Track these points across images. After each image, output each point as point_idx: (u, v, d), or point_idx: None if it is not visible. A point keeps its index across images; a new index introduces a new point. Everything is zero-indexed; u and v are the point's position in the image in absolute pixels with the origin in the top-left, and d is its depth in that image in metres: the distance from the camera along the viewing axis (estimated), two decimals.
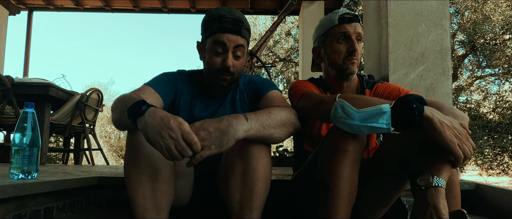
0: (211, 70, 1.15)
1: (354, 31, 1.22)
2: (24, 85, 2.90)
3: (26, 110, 1.25)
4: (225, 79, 1.15)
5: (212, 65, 1.14)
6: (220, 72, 1.13)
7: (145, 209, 0.94)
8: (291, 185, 1.31)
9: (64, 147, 4.11)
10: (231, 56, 1.12)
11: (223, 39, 1.10)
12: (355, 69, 1.25)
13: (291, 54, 9.18)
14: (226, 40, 1.10)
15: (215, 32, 1.11)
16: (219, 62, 1.13)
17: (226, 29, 1.10)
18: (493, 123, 6.41)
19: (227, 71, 1.13)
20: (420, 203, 0.85)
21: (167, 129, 0.80)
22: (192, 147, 0.80)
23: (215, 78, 1.16)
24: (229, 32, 1.10)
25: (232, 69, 1.13)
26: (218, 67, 1.13)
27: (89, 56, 29.75)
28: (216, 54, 1.13)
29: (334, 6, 4.93)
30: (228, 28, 1.10)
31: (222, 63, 1.12)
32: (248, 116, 0.91)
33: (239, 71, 1.17)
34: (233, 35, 1.11)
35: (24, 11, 5.24)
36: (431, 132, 0.85)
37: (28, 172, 1.24)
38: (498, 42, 6.37)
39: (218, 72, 1.14)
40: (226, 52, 1.12)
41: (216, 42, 1.11)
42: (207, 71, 1.18)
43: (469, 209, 1.70)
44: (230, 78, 1.15)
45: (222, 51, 1.12)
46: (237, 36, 1.11)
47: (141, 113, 0.85)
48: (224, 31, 1.10)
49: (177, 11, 5.26)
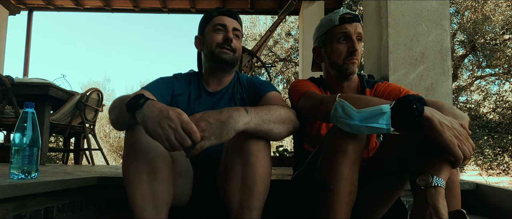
0: (213, 47, 1.23)
1: (354, 31, 1.22)
2: (24, 85, 2.90)
3: (26, 109, 1.25)
4: (227, 52, 1.23)
5: (213, 42, 1.23)
6: (222, 46, 1.22)
7: (144, 209, 0.94)
8: (291, 185, 1.31)
9: (64, 147, 4.11)
10: (231, 33, 1.24)
11: (223, 20, 1.24)
12: (356, 69, 1.25)
13: (291, 54, 9.18)
14: (225, 20, 1.24)
15: (214, 16, 1.25)
16: (221, 37, 1.23)
17: (224, 13, 1.26)
18: (493, 123, 6.41)
19: (229, 44, 1.22)
20: (420, 203, 0.85)
21: (166, 119, 0.80)
22: (191, 136, 0.80)
23: (217, 53, 1.23)
24: (227, 15, 1.25)
25: (233, 45, 1.23)
26: (219, 41, 1.23)
27: (89, 56, 29.76)
28: (217, 32, 1.24)
29: (334, 6, 4.93)
30: (226, 13, 1.26)
31: (223, 38, 1.22)
32: (249, 109, 0.92)
33: (239, 51, 1.27)
34: (231, 18, 1.25)
35: (24, 11, 5.25)
36: (431, 132, 0.85)
37: (28, 172, 1.24)
38: (498, 42, 6.36)
39: (219, 46, 1.22)
40: (226, 30, 1.24)
41: (217, 24, 1.24)
42: (209, 52, 1.25)
43: (469, 209, 1.70)
44: (232, 53, 1.23)
45: (222, 29, 1.24)
46: (234, 20, 1.26)
47: (140, 105, 0.86)
48: (223, 14, 1.25)
49: (177, 11, 5.26)
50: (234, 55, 1.24)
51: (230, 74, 1.30)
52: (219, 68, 1.25)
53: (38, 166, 1.28)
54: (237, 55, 1.25)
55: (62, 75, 3.75)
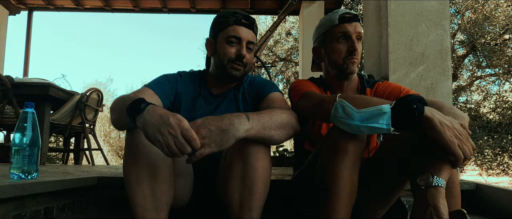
0: (224, 61, 1.18)
1: (354, 30, 1.22)
2: (24, 85, 2.90)
3: (26, 109, 1.25)
4: (238, 68, 1.18)
5: (226, 55, 1.18)
6: (234, 61, 1.18)
7: (145, 209, 0.94)
8: (291, 185, 1.31)
9: (64, 147, 4.11)
10: (245, 48, 1.18)
11: (238, 31, 1.17)
12: (355, 69, 1.25)
13: (291, 54, 9.18)
14: (241, 32, 1.17)
15: (230, 24, 1.17)
16: (233, 52, 1.17)
17: (241, 22, 1.17)
18: (493, 123, 6.42)
19: (241, 60, 1.17)
20: (420, 203, 0.86)
21: (166, 126, 0.80)
22: (191, 143, 0.80)
23: (228, 68, 1.18)
24: (243, 25, 1.18)
25: (245, 60, 1.18)
26: (231, 57, 1.17)
27: (89, 56, 29.74)
28: (230, 44, 1.18)
29: (334, 6, 4.93)
30: (243, 22, 1.17)
31: (236, 53, 1.17)
32: (250, 116, 0.91)
33: (249, 65, 1.22)
34: (247, 29, 1.18)
35: (24, 11, 5.24)
36: (431, 132, 0.85)
37: (28, 172, 1.24)
38: (498, 42, 6.37)
39: (231, 61, 1.18)
40: (240, 43, 1.17)
41: (231, 35, 1.17)
42: (219, 63, 1.20)
43: (469, 209, 1.70)
44: (243, 69, 1.19)
45: (236, 42, 1.18)
46: (250, 31, 1.19)
47: (140, 110, 0.85)
48: (240, 24, 1.17)
49: (177, 11, 5.26)
50: (245, 70, 1.20)
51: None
52: (227, 81, 1.24)
53: (38, 166, 1.28)
54: (248, 69, 1.22)
55: (62, 75, 3.76)
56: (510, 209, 1.52)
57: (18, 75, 3.17)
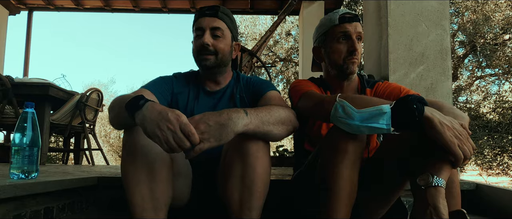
0: (195, 53, 1.22)
1: (354, 30, 1.22)
2: (24, 85, 2.90)
3: (26, 110, 1.25)
4: (207, 58, 1.19)
5: (194, 49, 1.22)
6: (201, 52, 1.19)
7: (143, 209, 0.94)
8: (291, 185, 1.31)
9: (64, 147, 4.11)
10: (209, 35, 1.18)
11: (201, 22, 1.20)
12: (355, 69, 1.25)
13: (291, 54, 9.18)
14: (203, 24, 1.19)
15: (195, 19, 1.22)
16: (199, 43, 1.19)
17: (203, 14, 1.21)
18: (493, 123, 6.42)
19: (206, 49, 1.18)
20: (420, 203, 0.85)
21: (165, 121, 0.80)
22: (190, 138, 0.80)
23: (200, 61, 1.21)
24: (205, 16, 1.20)
25: (211, 47, 1.18)
26: (198, 47, 1.20)
27: (89, 56, 29.74)
28: (197, 38, 1.21)
29: (334, 6, 4.93)
30: (205, 13, 1.20)
31: (201, 43, 1.18)
32: (248, 111, 0.91)
33: (223, 52, 1.21)
34: (210, 17, 1.20)
35: (24, 11, 5.25)
36: (431, 132, 0.85)
37: (28, 172, 1.24)
38: (498, 42, 6.37)
39: (199, 53, 1.20)
40: (203, 32, 1.19)
41: (196, 28, 1.21)
42: (194, 58, 1.24)
43: (469, 209, 1.70)
44: (213, 57, 1.20)
45: (201, 34, 1.20)
46: (214, 18, 1.20)
47: (139, 107, 0.86)
48: (202, 16, 1.21)
49: (177, 11, 5.26)
50: (216, 58, 1.20)
51: (223, 74, 1.28)
52: (207, 73, 1.25)
53: (38, 166, 1.28)
54: (221, 56, 1.20)
55: (62, 75, 3.76)
56: (510, 209, 1.52)
57: (18, 75, 3.17)
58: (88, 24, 33.49)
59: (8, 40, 5.00)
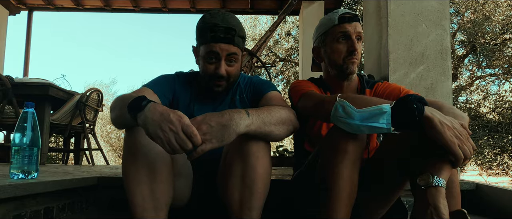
0: (205, 77, 1.17)
1: (354, 30, 1.22)
2: (24, 85, 2.90)
3: (26, 109, 1.25)
4: (219, 84, 1.17)
5: (205, 71, 1.16)
6: (213, 78, 1.16)
7: (144, 209, 0.93)
8: (291, 185, 1.31)
9: (64, 147, 4.11)
10: (224, 63, 1.14)
11: (216, 48, 1.11)
12: (355, 69, 1.25)
13: (291, 54, 9.18)
14: (218, 49, 1.11)
15: (208, 42, 1.11)
16: (212, 69, 1.14)
17: (218, 38, 1.10)
18: (493, 123, 6.42)
19: (220, 78, 1.15)
20: (420, 203, 0.85)
21: (167, 122, 0.80)
22: (192, 139, 0.80)
23: (210, 85, 1.18)
24: (221, 41, 1.10)
25: (225, 75, 1.15)
26: (211, 74, 1.15)
27: (89, 56, 29.73)
28: (209, 62, 1.14)
29: (334, 6, 4.93)
30: (221, 38, 1.10)
31: (215, 71, 1.14)
32: (249, 111, 0.91)
33: (234, 75, 1.19)
34: (226, 44, 1.11)
35: (24, 11, 5.24)
36: (431, 132, 0.85)
37: (28, 172, 1.24)
38: (498, 42, 6.37)
39: (211, 78, 1.16)
40: (219, 60, 1.13)
41: (209, 52, 1.12)
42: (202, 78, 1.21)
43: (469, 209, 1.70)
44: (225, 83, 1.18)
45: (215, 60, 1.14)
46: (230, 45, 1.12)
47: (141, 107, 0.86)
48: (217, 41, 1.10)
49: (177, 11, 5.26)
50: (228, 83, 1.18)
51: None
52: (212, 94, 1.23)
53: (38, 166, 1.28)
54: (232, 81, 1.20)
55: (62, 75, 3.76)
56: (510, 209, 1.52)
57: (18, 75, 3.17)
58: (88, 24, 33.49)
59: (8, 40, 5.01)
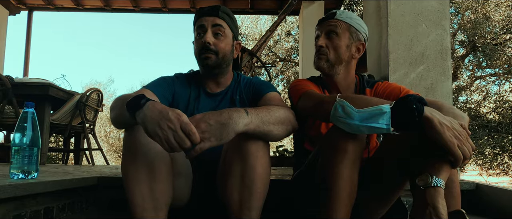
0: (197, 53, 1.22)
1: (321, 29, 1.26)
2: (24, 85, 2.90)
3: (26, 109, 1.25)
4: (208, 57, 1.19)
5: (196, 48, 1.22)
6: (202, 52, 1.19)
7: (144, 209, 0.94)
8: (291, 185, 1.31)
9: (64, 147, 4.11)
10: (211, 34, 1.19)
11: (202, 21, 1.20)
12: (321, 64, 1.27)
13: (291, 54, 9.18)
14: (204, 22, 1.20)
15: (196, 20, 1.23)
16: (201, 42, 1.19)
17: (204, 12, 1.22)
18: (493, 123, 6.42)
19: (208, 49, 1.18)
20: (419, 203, 0.86)
21: (165, 120, 0.81)
22: (191, 137, 0.81)
23: (201, 60, 1.21)
24: (206, 15, 1.21)
25: (212, 46, 1.18)
26: (200, 47, 1.20)
27: (89, 56, 29.74)
28: (198, 37, 1.21)
29: (334, 6, 4.93)
30: (205, 11, 1.21)
31: (203, 42, 1.19)
32: (248, 110, 0.92)
33: (224, 51, 1.22)
34: (210, 16, 1.20)
35: (24, 11, 5.24)
36: (431, 132, 0.85)
37: (28, 172, 1.24)
38: (498, 42, 6.36)
39: (200, 53, 1.20)
40: (205, 32, 1.19)
41: (197, 28, 1.22)
42: (195, 57, 1.25)
43: (469, 209, 1.70)
44: (214, 57, 1.20)
45: (202, 33, 1.20)
46: (214, 17, 1.20)
47: (140, 106, 0.86)
48: (202, 15, 1.21)
49: (177, 11, 5.26)
50: (217, 57, 1.19)
51: (224, 75, 1.28)
52: (208, 72, 1.25)
53: (38, 166, 1.28)
54: (222, 56, 1.20)
55: (62, 75, 3.76)
56: (510, 209, 1.52)
57: (18, 75, 3.17)
58: (88, 24, 33.50)
59: (8, 40, 5.01)
